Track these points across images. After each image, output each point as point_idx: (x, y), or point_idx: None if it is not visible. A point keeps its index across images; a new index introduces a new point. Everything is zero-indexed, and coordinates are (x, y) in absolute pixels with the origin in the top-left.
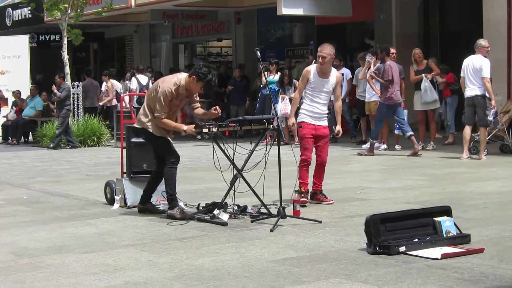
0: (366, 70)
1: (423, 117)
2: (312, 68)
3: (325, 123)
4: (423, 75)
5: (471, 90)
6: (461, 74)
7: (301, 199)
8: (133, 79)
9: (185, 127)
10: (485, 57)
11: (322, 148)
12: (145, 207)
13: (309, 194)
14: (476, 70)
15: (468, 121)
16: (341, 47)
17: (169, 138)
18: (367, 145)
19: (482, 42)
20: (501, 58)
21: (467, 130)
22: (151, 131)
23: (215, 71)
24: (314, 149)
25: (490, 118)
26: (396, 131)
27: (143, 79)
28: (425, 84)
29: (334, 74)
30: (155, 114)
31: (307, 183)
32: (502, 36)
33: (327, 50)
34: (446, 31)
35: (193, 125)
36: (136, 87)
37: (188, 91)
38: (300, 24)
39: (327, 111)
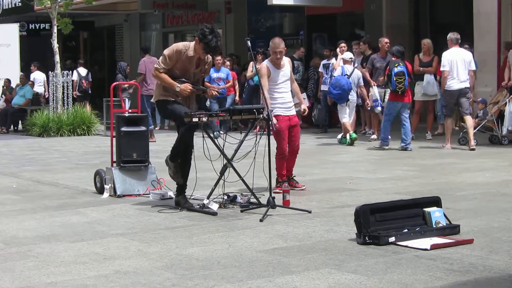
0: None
1: (419, 107)
2: (268, 64)
3: (294, 111)
4: (421, 68)
5: (460, 82)
6: (446, 68)
7: (283, 189)
8: (74, 71)
9: (179, 87)
10: None
11: (295, 137)
12: (177, 200)
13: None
14: (466, 62)
15: (450, 112)
16: (331, 37)
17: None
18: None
19: (458, 35)
20: (491, 49)
21: (449, 121)
22: (160, 98)
23: (219, 35)
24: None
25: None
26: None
27: (83, 71)
28: (429, 77)
29: (286, 60)
30: (154, 66)
31: (285, 174)
32: (492, 28)
33: (282, 45)
34: (436, 22)
35: (188, 84)
36: (76, 78)
37: (198, 58)
38: (290, 14)
39: (292, 97)
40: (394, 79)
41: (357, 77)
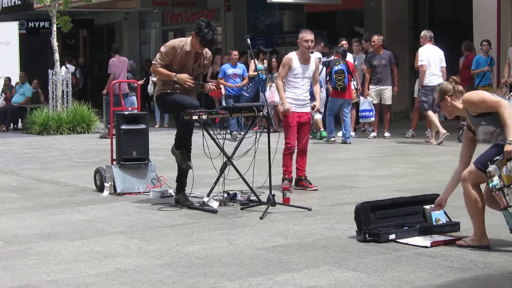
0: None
1: None
2: (293, 56)
3: (307, 109)
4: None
5: (438, 77)
6: (424, 63)
7: (283, 186)
8: (63, 67)
9: (176, 75)
10: None
11: (304, 134)
12: (177, 198)
13: (294, 180)
14: (440, 59)
15: (430, 106)
16: (331, 35)
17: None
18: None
19: (432, 33)
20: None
21: (431, 112)
22: (159, 92)
23: (215, 29)
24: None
25: None
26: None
27: (71, 68)
28: None
29: (313, 59)
30: (152, 62)
31: (291, 170)
32: (492, 24)
33: (312, 35)
34: (435, 19)
35: (185, 74)
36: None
37: (196, 52)
38: (289, 12)
39: (309, 97)
40: (334, 77)
41: (325, 75)
